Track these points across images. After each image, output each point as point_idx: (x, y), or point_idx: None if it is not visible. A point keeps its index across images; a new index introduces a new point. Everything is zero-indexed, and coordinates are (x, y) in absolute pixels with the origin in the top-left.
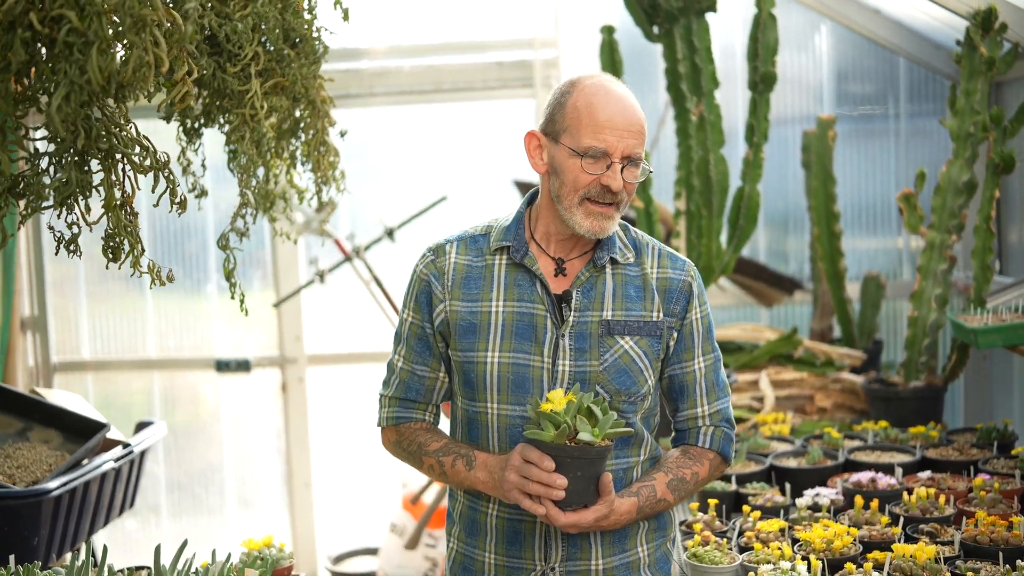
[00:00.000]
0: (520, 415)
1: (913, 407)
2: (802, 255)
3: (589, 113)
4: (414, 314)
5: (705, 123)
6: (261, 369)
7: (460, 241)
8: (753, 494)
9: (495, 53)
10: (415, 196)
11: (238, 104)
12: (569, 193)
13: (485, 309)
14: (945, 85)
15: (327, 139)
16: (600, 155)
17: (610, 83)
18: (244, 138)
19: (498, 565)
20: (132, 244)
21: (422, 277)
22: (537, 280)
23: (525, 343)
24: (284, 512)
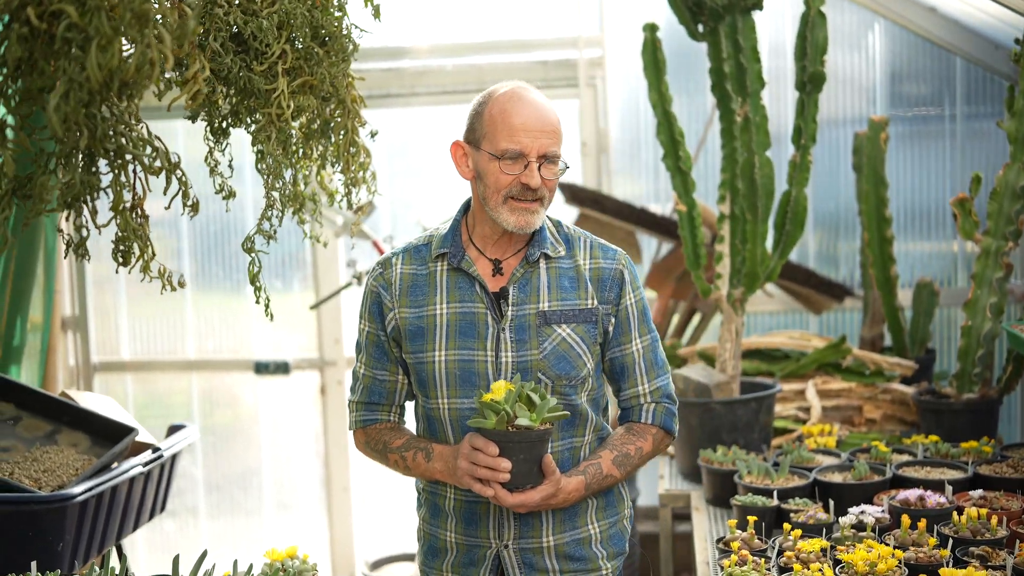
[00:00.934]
0: (470, 407)
1: (966, 420)
2: (853, 260)
3: (503, 119)
4: (369, 324)
5: (750, 124)
6: (300, 371)
7: (405, 252)
8: (795, 510)
9: (539, 52)
10: (458, 197)
11: (265, 104)
12: (493, 194)
13: (430, 313)
14: (1003, 86)
15: (357, 139)
16: (517, 156)
17: (523, 91)
18: (270, 138)
19: (458, 543)
20: (142, 248)
21: (372, 289)
22: (475, 281)
23: (469, 340)
24: (322, 516)
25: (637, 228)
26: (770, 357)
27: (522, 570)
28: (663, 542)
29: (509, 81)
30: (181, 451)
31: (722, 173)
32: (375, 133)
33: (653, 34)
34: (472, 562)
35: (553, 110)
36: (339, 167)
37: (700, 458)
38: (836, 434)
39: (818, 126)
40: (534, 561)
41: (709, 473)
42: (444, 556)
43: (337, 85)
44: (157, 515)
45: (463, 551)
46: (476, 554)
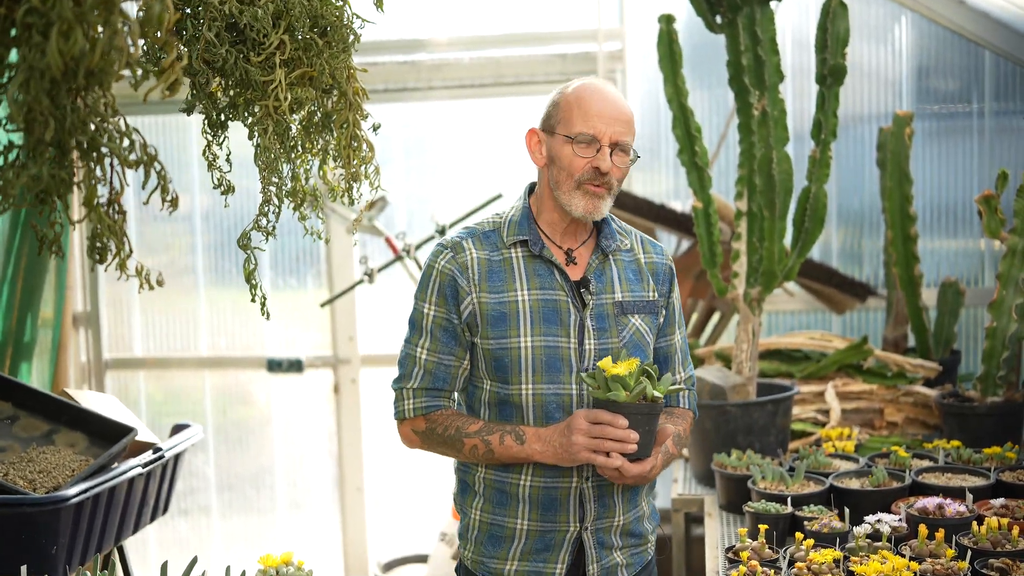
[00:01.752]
0: (554, 392)
1: (990, 424)
2: (877, 258)
3: (579, 104)
4: (437, 307)
5: (768, 118)
6: (313, 370)
7: (473, 237)
8: (809, 518)
9: (558, 45)
10: (473, 193)
11: (262, 96)
12: (566, 179)
13: (512, 299)
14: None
15: (359, 133)
16: (590, 140)
17: (599, 82)
18: (267, 131)
19: (531, 530)
20: (118, 245)
21: (445, 272)
22: (555, 269)
23: (553, 327)
24: (335, 516)
25: (657, 225)
26: (789, 358)
27: (597, 550)
28: (676, 546)
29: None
30: (185, 451)
31: (739, 169)
32: (378, 126)
33: (669, 25)
34: (547, 547)
35: (628, 104)
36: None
37: (714, 462)
38: (855, 438)
39: (842, 121)
40: (604, 540)
41: (722, 478)
42: (511, 544)
43: (338, 77)
44: (160, 516)
45: (535, 537)
46: (552, 539)
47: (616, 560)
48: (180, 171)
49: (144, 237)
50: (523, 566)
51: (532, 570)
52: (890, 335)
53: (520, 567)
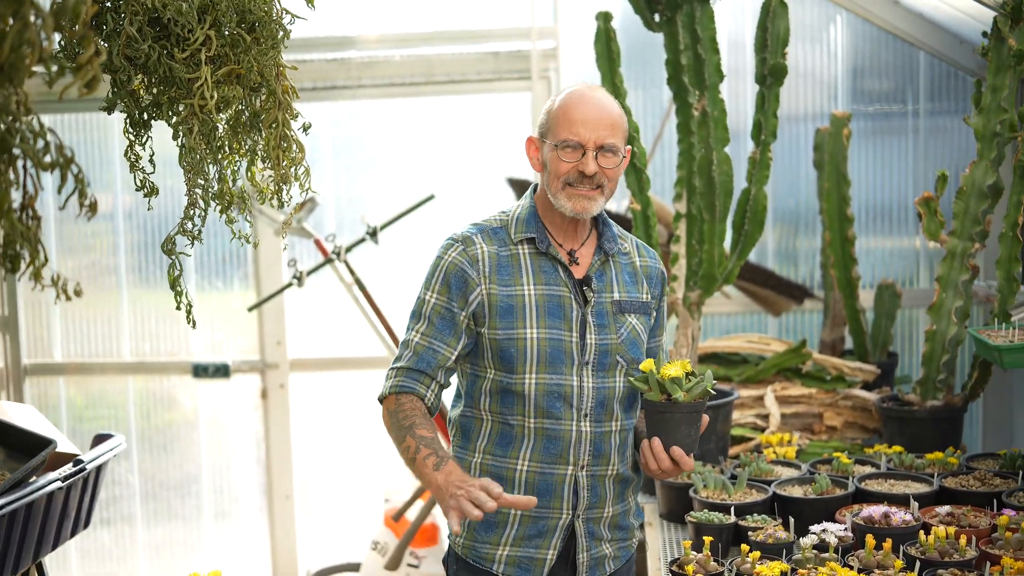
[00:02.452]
0: (556, 383)
1: (930, 428)
2: (813, 259)
3: (564, 112)
4: (441, 296)
5: (708, 118)
6: (241, 375)
7: (482, 233)
8: (754, 528)
9: (491, 43)
10: (405, 193)
11: (187, 94)
12: (553, 181)
13: (519, 292)
14: (968, 81)
15: (289, 133)
16: (575, 146)
17: (587, 88)
18: (192, 131)
19: (524, 516)
20: (32, 253)
21: (455, 263)
22: (559, 266)
23: (556, 320)
24: (263, 524)
25: None
26: (727, 361)
27: (587, 539)
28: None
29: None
30: (107, 463)
31: (678, 170)
32: (308, 126)
33: (607, 23)
34: (540, 533)
35: (615, 105)
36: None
37: None
38: (795, 443)
39: (778, 122)
40: (594, 530)
41: (663, 487)
42: (504, 529)
43: (266, 75)
44: (81, 530)
45: (528, 523)
46: (545, 525)
47: (604, 552)
48: (102, 169)
49: (64, 237)
50: (515, 551)
51: (524, 555)
52: (827, 337)
53: (512, 552)
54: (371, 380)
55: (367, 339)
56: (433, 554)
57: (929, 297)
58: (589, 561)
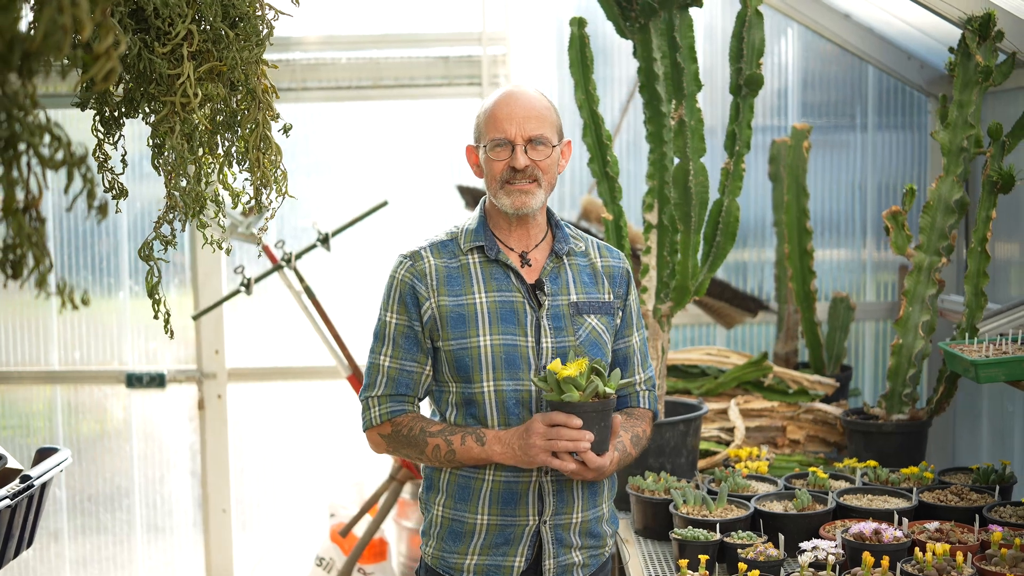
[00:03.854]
0: (513, 388)
1: (895, 442)
2: (762, 271)
3: (489, 114)
4: (399, 315)
5: (686, 128)
6: (177, 385)
7: (431, 247)
8: (741, 545)
9: (441, 48)
10: (352, 200)
11: (167, 91)
12: (491, 182)
13: (470, 301)
14: (915, 96)
15: (269, 134)
16: (503, 143)
17: (512, 87)
18: (174, 130)
19: (490, 524)
20: (38, 257)
21: (405, 280)
22: (511, 272)
23: (510, 326)
24: (198, 540)
25: None
26: (686, 374)
27: (554, 545)
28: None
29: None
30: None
31: (649, 180)
32: (289, 128)
33: (581, 29)
34: (507, 541)
35: (541, 98)
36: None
37: (629, 485)
38: (764, 458)
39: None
40: (563, 537)
41: (639, 502)
42: (471, 539)
43: (248, 72)
44: (24, 551)
45: (495, 532)
46: (511, 532)
47: (573, 559)
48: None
49: None
50: (483, 560)
51: (492, 564)
52: (781, 350)
53: (480, 561)
54: (315, 390)
55: (310, 348)
56: (382, 570)
57: (876, 310)
58: (556, 568)
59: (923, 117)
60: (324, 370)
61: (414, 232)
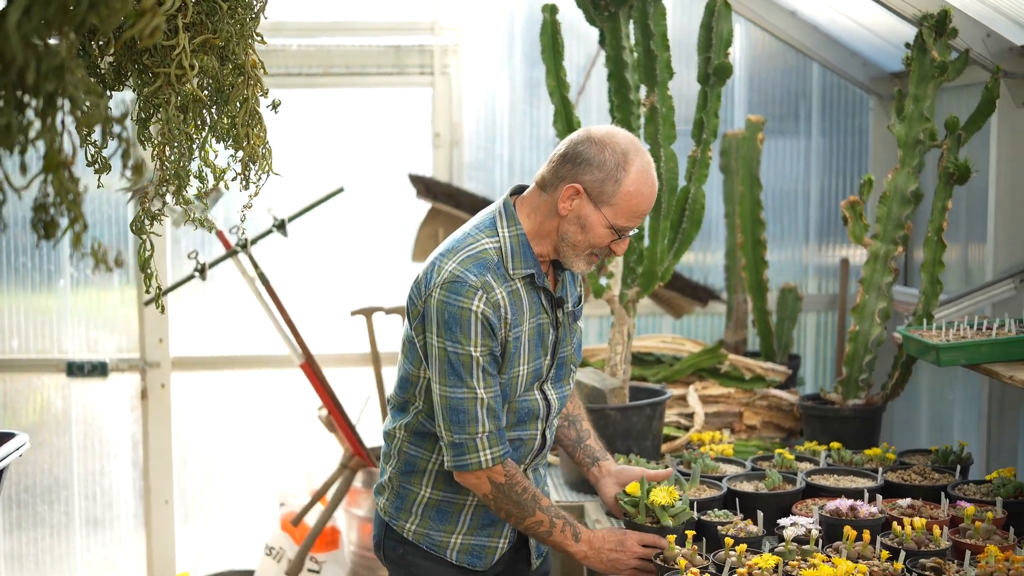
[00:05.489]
0: (524, 400)
1: (852, 427)
2: (706, 263)
3: (639, 204)
4: (484, 347)
5: (657, 115)
6: (119, 374)
7: (492, 274)
8: (720, 523)
9: (392, 36)
10: (302, 187)
11: (161, 62)
12: (584, 248)
13: (523, 331)
14: (857, 93)
15: (258, 109)
16: (628, 232)
17: (652, 169)
18: (169, 102)
19: (479, 504)
20: (74, 216)
21: (486, 314)
22: (543, 292)
23: (539, 351)
24: (139, 532)
25: None
26: (641, 361)
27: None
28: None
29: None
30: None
31: None
32: (278, 104)
33: (553, 16)
34: (492, 523)
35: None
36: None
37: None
38: (724, 441)
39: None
40: None
41: None
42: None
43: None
44: None
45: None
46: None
47: None
48: None
49: None
50: (468, 540)
51: (476, 544)
52: (730, 339)
53: (465, 541)
54: (264, 379)
55: (260, 337)
56: (334, 559)
57: (818, 302)
58: (537, 541)
59: (865, 115)
60: (274, 359)
61: (370, 219)
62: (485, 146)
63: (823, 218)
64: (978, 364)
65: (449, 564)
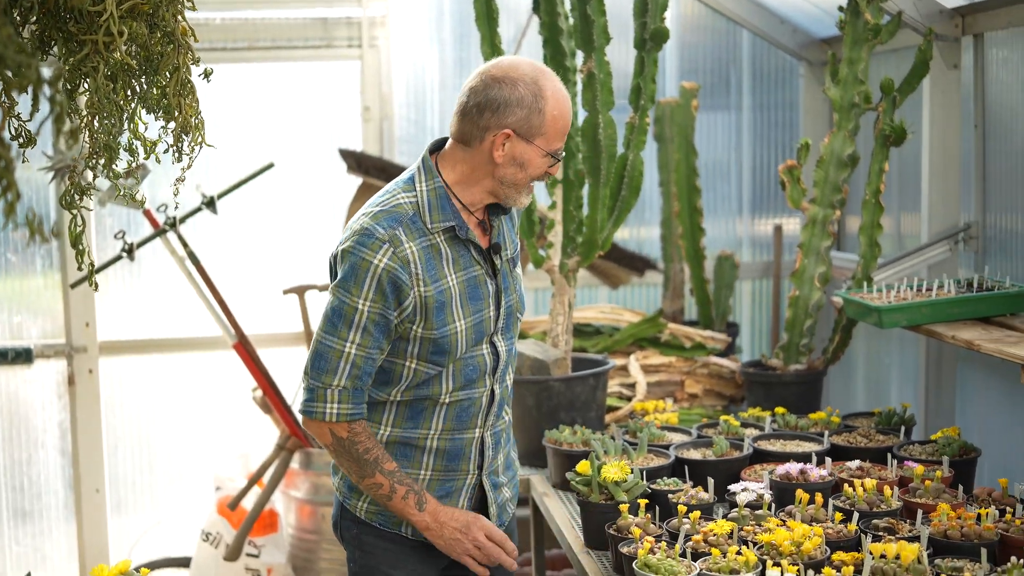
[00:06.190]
0: (471, 356)
1: (794, 392)
2: (640, 233)
3: (564, 123)
4: (373, 303)
5: (595, 81)
6: (44, 360)
7: (404, 228)
8: (670, 491)
9: (319, 8)
10: (232, 164)
11: (87, 29)
12: (520, 179)
13: (446, 286)
14: (787, 60)
15: (189, 79)
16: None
17: (559, 81)
18: (97, 70)
19: (433, 479)
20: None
21: (389, 269)
22: (471, 245)
23: (478, 303)
24: (70, 522)
25: None
26: (581, 332)
27: (492, 492)
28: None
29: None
30: None
31: None
32: (210, 73)
33: None
34: (447, 494)
35: None
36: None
37: (546, 439)
38: (668, 410)
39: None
40: (495, 480)
41: (558, 455)
42: None
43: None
44: None
45: (436, 485)
46: (453, 486)
47: (505, 495)
48: None
49: None
50: None
51: None
52: (668, 308)
53: None
54: (196, 361)
55: (191, 318)
56: (273, 542)
57: (752, 269)
58: (497, 512)
59: (795, 81)
60: (206, 340)
61: (300, 196)
62: (416, 119)
63: (756, 184)
64: (919, 325)
65: (404, 539)
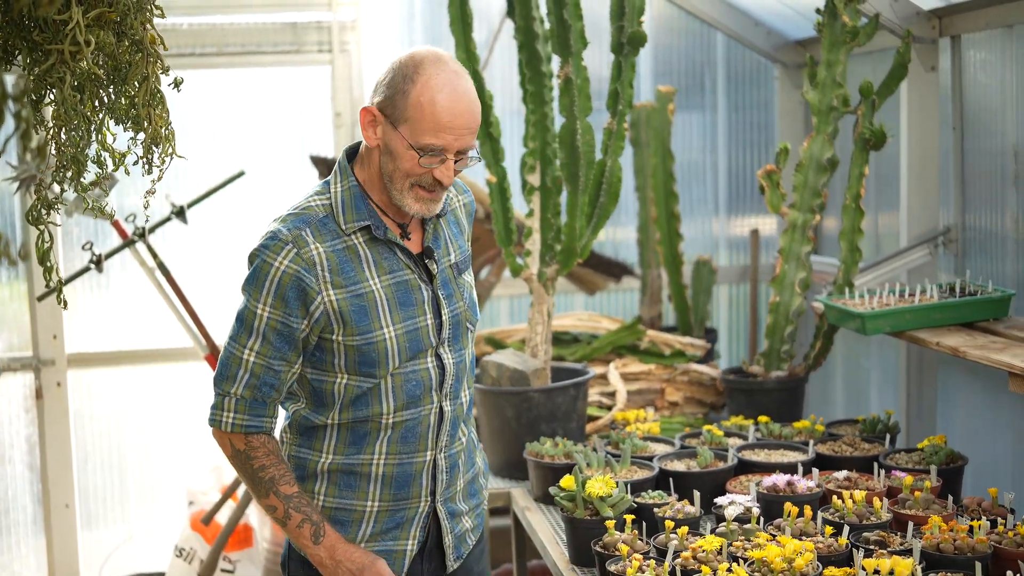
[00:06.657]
0: (412, 370)
1: (776, 399)
2: (616, 238)
3: (433, 113)
4: (273, 309)
5: (572, 86)
6: (11, 373)
7: (311, 228)
8: (656, 505)
9: (289, 13)
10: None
11: (53, 38)
12: (400, 178)
13: (367, 289)
14: (762, 62)
15: (159, 88)
16: (438, 152)
17: (455, 76)
18: (64, 80)
19: (380, 511)
20: None
21: (291, 272)
22: (396, 248)
23: (410, 309)
24: (39, 538)
25: None
26: (558, 340)
27: (448, 520)
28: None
29: (432, 49)
30: None
31: (531, 141)
32: (180, 82)
33: None
34: (398, 525)
35: (477, 99)
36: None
37: (527, 451)
38: (649, 419)
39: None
40: (453, 508)
41: (539, 468)
42: (359, 527)
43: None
44: None
45: (384, 517)
46: (403, 516)
47: (465, 526)
48: None
49: None
50: (372, 546)
51: (382, 550)
52: (646, 315)
53: (369, 547)
54: (168, 373)
55: (161, 330)
56: (248, 557)
57: (729, 274)
58: (454, 542)
59: (770, 84)
60: (177, 352)
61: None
62: None
63: (732, 189)
64: (903, 331)
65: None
